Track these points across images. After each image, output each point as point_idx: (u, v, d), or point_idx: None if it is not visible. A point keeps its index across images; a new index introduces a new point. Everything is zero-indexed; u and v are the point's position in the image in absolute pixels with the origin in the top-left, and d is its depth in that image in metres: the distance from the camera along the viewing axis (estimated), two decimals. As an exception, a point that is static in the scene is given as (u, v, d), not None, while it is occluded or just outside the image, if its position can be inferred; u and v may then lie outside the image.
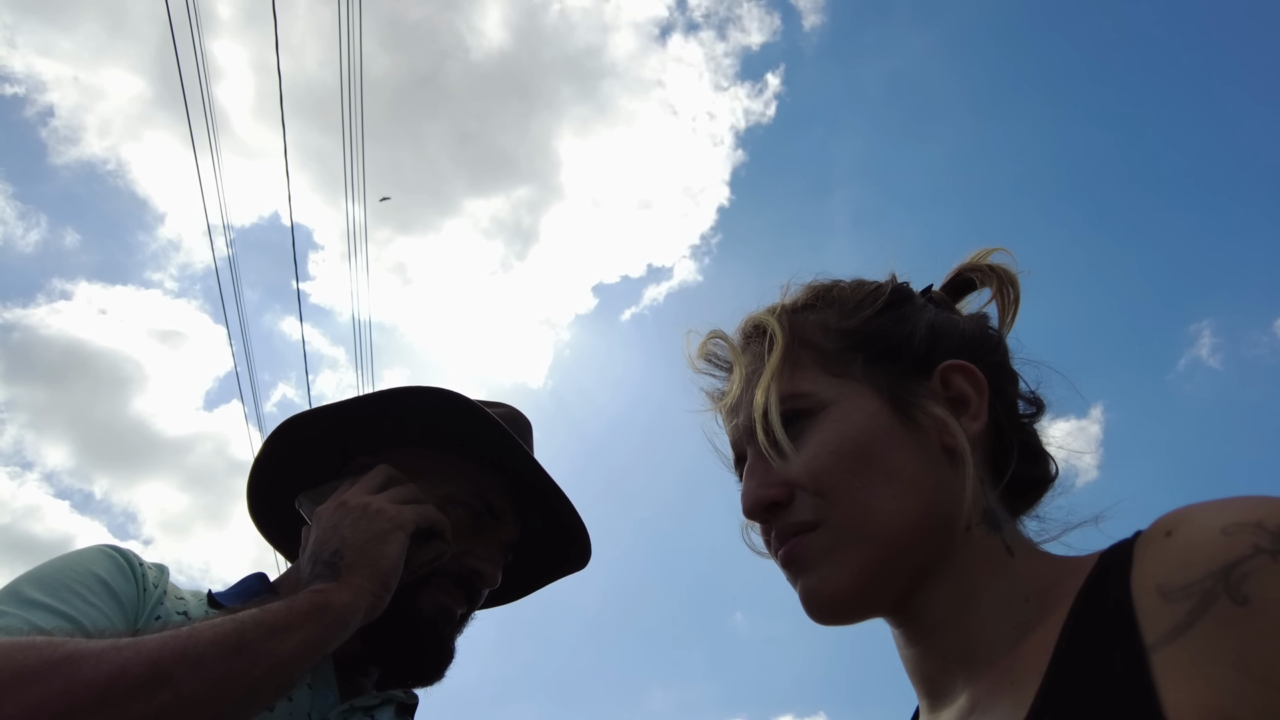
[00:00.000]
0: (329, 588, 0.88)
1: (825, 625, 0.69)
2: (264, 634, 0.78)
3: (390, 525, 0.95)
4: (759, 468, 0.72)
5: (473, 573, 1.09)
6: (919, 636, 0.69)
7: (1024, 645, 0.60)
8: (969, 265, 0.84)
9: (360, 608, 0.88)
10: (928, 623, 0.68)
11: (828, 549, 0.67)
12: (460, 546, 1.08)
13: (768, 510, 0.71)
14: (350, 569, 0.90)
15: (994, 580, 0.66)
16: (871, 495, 0.67)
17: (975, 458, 0.70)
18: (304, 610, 0.83)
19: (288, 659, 0.79)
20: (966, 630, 0.65)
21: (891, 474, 0.67)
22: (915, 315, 0.77)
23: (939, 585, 0.67)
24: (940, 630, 0.67)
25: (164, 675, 0.71)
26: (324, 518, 0.98)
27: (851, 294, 0.79)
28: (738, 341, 0.80)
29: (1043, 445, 0.78)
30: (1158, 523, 0.56)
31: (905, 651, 0.71)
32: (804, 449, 0.69)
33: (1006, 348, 0.80)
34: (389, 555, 0.93)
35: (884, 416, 0.70)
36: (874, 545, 0.66)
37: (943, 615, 0.67)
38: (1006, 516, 0.71)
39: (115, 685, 0.68)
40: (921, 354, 0.74)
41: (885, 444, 0.68)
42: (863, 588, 0.66)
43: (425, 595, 1.05)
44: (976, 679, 0.63)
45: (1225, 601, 0.47)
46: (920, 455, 0.69)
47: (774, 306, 0.80)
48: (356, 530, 0.94)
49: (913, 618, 0.69)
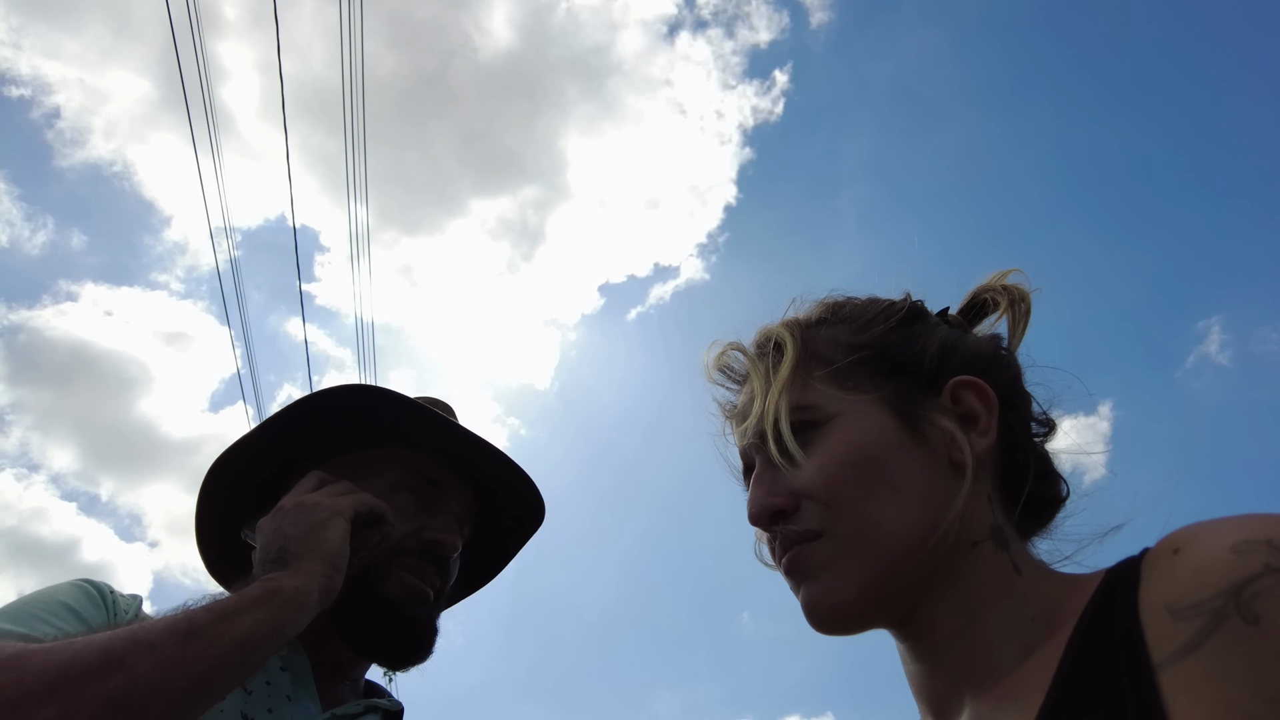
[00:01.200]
0: (279, 575, 0.89)
1: (827, 635, 0.69)
2: (215, 618, 0.79)
3: (329, 513, 0.97)
4: (766, 476, 0.73)
5: (432, 544, 1.11)
6: (925, 654, 0.68)
7: (1028, 663, 0.60)
8: (985, 287, 0.84)
9: (312, 589, 0.89)
10: (934, 639, 0.67)
11: (830, 559, 0.67)
12: (415, 524, 1.11)
13: (773, 518, 0.71)
14: (297, 557, 0.92)
15: (1001, 598, 0.65)
16: (876, 507, 0.67)
17: (985, 474, 0.71)
18: (255, 595, 0.84)
19: (242, 639, 0.79)
20: (973, 648, 0.65)
21: (897, 486, 0.67)
22: (928, 333, 0.77)
23: (945, 601, 0.67)
24: (947, 648, 0.66)
25: (116, 660, 0.71)
26: (265, 526, 1.00)
27: (865, 310, 0.80)
28: (752, 353, 0.81)
29: (1054, 466, 0.77)
30: (1165, 540, 0.55)
31: (911, 668, 0.71)
32: (811, 459, 0.70)
33: (1019, 368, 0.80)
34: (332, 539, 0.94)
35: (892, 430, 0.70)
36: (876, 557, 0.66)
37: (949, 632, 0.66)
38: (1015, 536, 0.71)
39: (67, 672, 0.68)
40: (932, 370, 0.74)
41: (892, 457, 0.69)
42: (864, 599, 0.67)
43: (393, 579, 1.07)
44: (980, 696, 0.63)
45: (1236, 621, 0.46)
46: (927, 469, 0.69)
47: (787, 320, 0.81)
48: (297, 524, 0.96)
49: (918, 634, 0.68)
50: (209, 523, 1.17)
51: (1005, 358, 0.80)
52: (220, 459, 1.14)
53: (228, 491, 1.15)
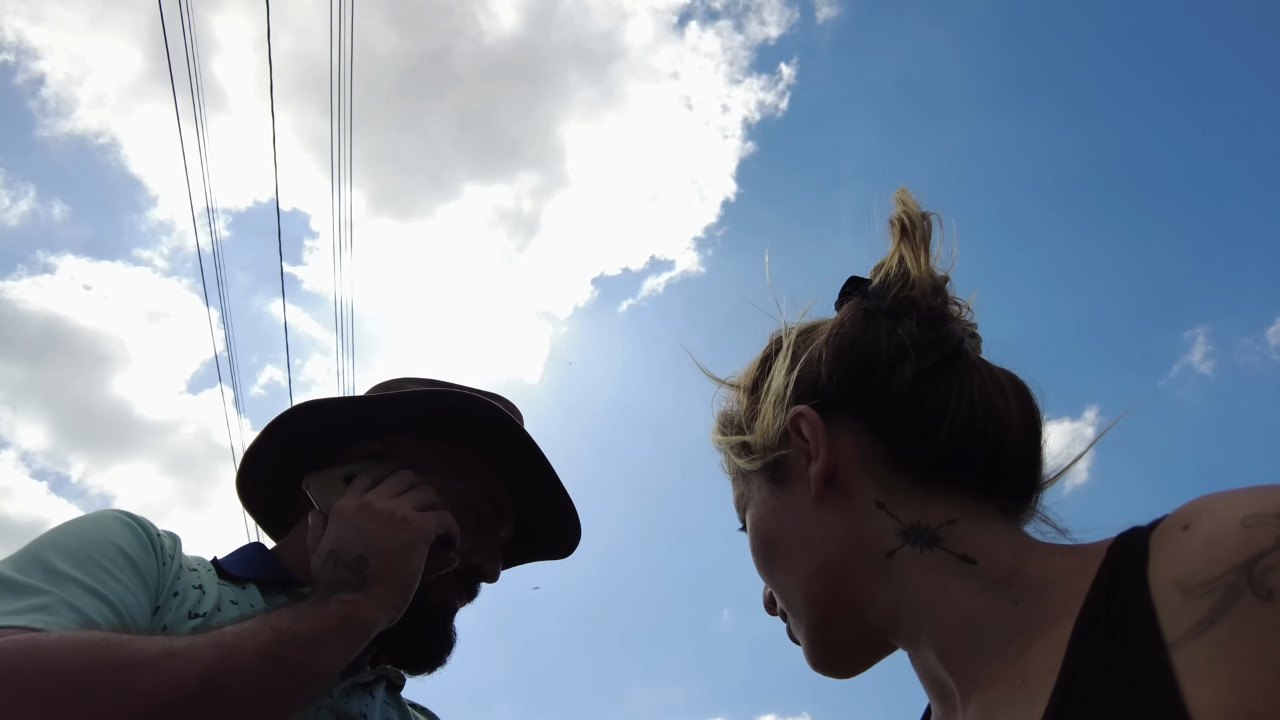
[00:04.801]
0: (357, 600, 0.89)
1: (841, 679, 0.76)
2: (301, 645, 0.81)
3: (415, 537, 0.96)
4: None
5: (477, 569, 1.13)
6: (916, 659, 0.70)
7: (1033, 646, 0.58)
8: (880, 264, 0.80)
9: (383, 620, 0.92)
10: (918, 649, 0.68)
11: (795, 631, 0.76)
12: (466, 544, 1.11)
13: (770, 606, 0.81)
14: (375, 580, 0.92)
15: (957, 594, 0.63)
16: (784, 576, 0.73)
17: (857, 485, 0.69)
18: (335, 623, 0.86)
19: (320, 671, 0.83)
20: (960, 646, 0.63)
21: (789, 549, 0.72)
22: (769, 389, 0.76)
23: (903, 619, 0.66)
24: (938, 652, 0.66)
25: (216, 687, 0.73)
26: (346, 516, 0.98)
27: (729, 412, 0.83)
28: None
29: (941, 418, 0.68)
30: (1174, 515, 0.54)
31: (914, 664, 0.71)
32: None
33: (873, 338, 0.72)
34: (412, 569, 0.95)
35: (770, 500, 0.74)
36: (808, 616, 0.71)
37: (929, 643, 0.65)
38: (959, 521, 0.66)
39: (171, 695, 0.71)
40: (775, 428, 0.74)
41: (775, 524, 0.73)
42: (827, 653, 0.73)
43: (434, 591, 1.08)
44: (986, 685, 0.61)
45: (1249, 597, 0.45)
46: (800, 517, 0.71)
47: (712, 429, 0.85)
48: (382, 538, 0.95)
49: (906, 647, 0.70)
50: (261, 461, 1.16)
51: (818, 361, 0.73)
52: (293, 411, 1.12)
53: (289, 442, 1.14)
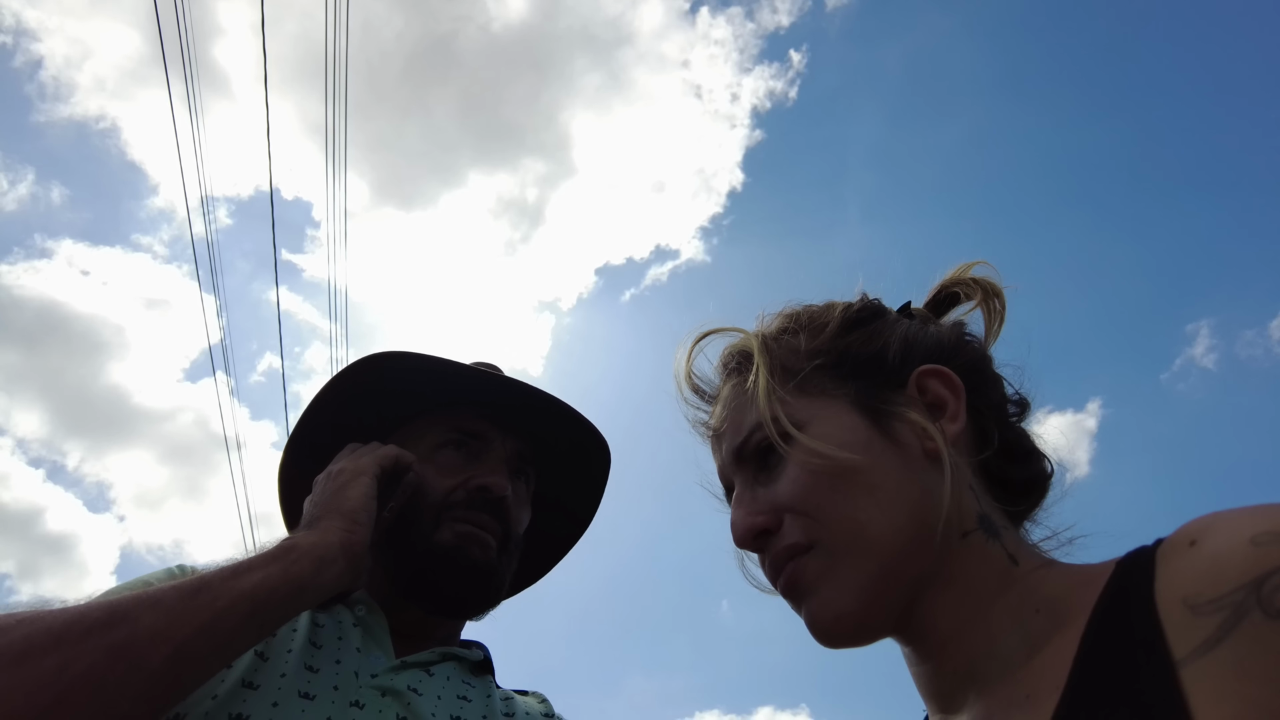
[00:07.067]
0: (298, 534, 0.93)
1: (834, 649, 0.68)
2: (225, 575, 0.82)
3: (350, 475, 1.01)
4: (746, 496, 0.72)
5: (480, 489, 1.12)
6: (927, 653, 0.68)
7: (1039, 658, 0.58)
8: (952, 280, 0.85)
9: (330, 541, 0.91)
10: (936, 639, 0.66)
11: (825, 570, 0.67)
12: (462, 477, 1.13)
13: (758, 538, 0.70)
14: (318, 519, 0.95)
15: (1000, 591, 0.64)
16: (857, 510, 0.66)
17: (964, 461, 0.70)
18: (269, 553, 0.87)
19: (251, 592, 0.81)
20: (975, 644, 0.64)
21: (874, 486, 0.67)
22: (887, 330, 0.77)
23: (942, 598, 0.66)
24: (948, 646, 0.65)
25: (121, 614, 0.73)
26: (312, 492, 1.05)
27: (821, 315, 0.80)
28: (719, 372, 0.82)
29: (1034, 444, 0.77)
30: (1181, 531, 0.54)
31: (915, 669, 0.70)
32: (786, 471, 0.69)
33: (985, 352, 0.80)
34: (351, 497, 0.98)
35: (861, 430, 0.70)
36: (868, 560, 0.65)
37: (950, 630, 0.65)
38: (1006, 523, 0.70)
39: (72, 626, 0.71)
40: (895, 365, 0.74)
41: (869, 458, 0.68)
42: (865, 607, 0.65)
43: (443, 528, 1.09)
44: (989, 694, 0.61)
45: (1258, 615, 0.46)
46: (902, 464, 0.68)
47: (752, 334, 0.81)
48: (323, 491, 1.01)
49: (920, 635, 0.68)
50: (291, 492, 1.23)
51: (970, 342, 0.80)
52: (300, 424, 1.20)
53: (304, 462, 1.19)
